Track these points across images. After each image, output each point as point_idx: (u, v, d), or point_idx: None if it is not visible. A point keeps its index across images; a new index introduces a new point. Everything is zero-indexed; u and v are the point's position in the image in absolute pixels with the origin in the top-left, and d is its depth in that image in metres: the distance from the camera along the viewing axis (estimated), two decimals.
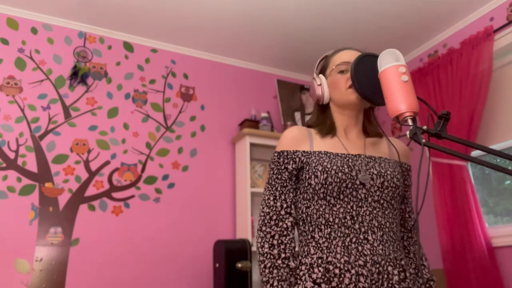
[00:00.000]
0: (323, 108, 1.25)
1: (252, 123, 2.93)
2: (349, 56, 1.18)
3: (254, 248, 2.61)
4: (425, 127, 0.92)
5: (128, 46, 2.88)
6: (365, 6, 2.58)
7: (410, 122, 0.92)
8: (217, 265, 2.38)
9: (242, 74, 3.26)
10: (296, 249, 1.10)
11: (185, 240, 2.63)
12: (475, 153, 2.54)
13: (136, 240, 2.50)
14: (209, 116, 3.01)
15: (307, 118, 3.27)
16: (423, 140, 0.89)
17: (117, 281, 2.38)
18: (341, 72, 1.17)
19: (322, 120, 1.23)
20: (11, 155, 2.34)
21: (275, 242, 1.06)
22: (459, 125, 2.48)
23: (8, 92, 2.43)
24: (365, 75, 1.07)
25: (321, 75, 1.23)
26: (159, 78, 2.91)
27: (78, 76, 2.61)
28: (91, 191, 2.47)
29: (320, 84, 1.21)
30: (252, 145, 2.95)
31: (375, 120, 1.25)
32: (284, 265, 1.04)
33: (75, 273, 2.29)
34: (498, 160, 2.44)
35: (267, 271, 1.03)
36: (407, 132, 0.91)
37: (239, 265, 2.28)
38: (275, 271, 1.02)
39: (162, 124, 2.82)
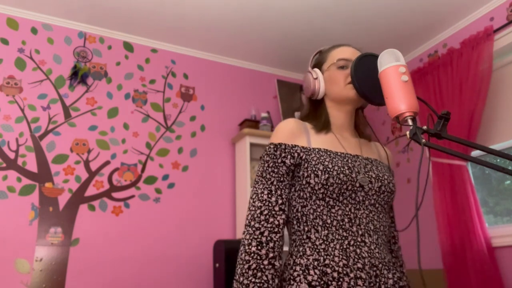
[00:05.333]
0: (315, 104, 1.22)
1: (252, 123, 2.93)
2: (349, 53, 1.17)
3: None
4: (425, 127, 0.92)
5: (128, 46, 2.88)
6: (365, 6, 2.58)
7: (410, 122, 0.92)
8: (217, 265, 2.38)
9: (242, 74, 3.26)
10: (285, 248, 1.08)
11: (185, 240, 2.63)
12: (475, 153, 2.54)
13: (136, 240, 2.50)
14: (209, 116, 3.01)
15: None
16: (423, 140, 0.89)
17: (117, 281, 2.38)
18: (341, 67, 1.15)
19: (316, 115, 1.20)
20: (11, 155, 2.34)
21: (263, 239, 0.98)
22: (459, 125, 2.48)
23: (8, 92, 2.43)
24: (365, 75, 1.07)
25: (316, 69, 1.20)
26: (159, 78, 2.91)
27: (78, 76, 2.61)
28: (91, 191, 2.47)
29: (317, 78, 1.18)
30: (252, 145, 2.95)
31: (365, 120, 1.26)
32: (270, 266, 0.96)
33: (75, 273, 2.29)
34: (498, 160, 2.44)
35: (250, 272, 0.95)
36: (407, 132, 0.91)
37: None
38: (259, 274, 0.95)
39: (162, 124, 2.82)
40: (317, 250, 1.01)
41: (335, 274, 0.96)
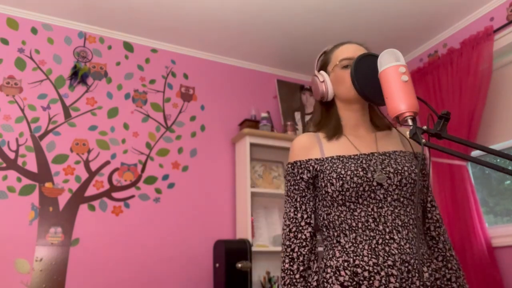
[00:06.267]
0: (327, 106, 1.24)
1: (252, 123, 2.93)
2: (352, 50, 1.17)
3: (254, 248, 2.61)
4: (425, 127, 0.92)
5: (128, 46, 2.88)
6: (365, 6, 2.58)
7: (410, 122, 0.92)
8: (217, 265, 2.39)
9: (242, 74, 3.26)
10: (320, 249, 1.10)
11: (185, 240, 2.63)
12: (475, 153, 2.54)
13: (136, 240, 2.50)
14: (209, 116, 3.01)
15: (307, 118, 3.27)
16: (423, 140, 0.89)
17: (117, 281, 2.38)
18: (345, 67, 1.15)
19: (327, 120, 1.21)
20: (11, 155, 2.34)
21: (294, 255, 1.07)
22: (459, 125, 2.48)
23: (8, 92, 2.43)
24: (365, 75, 1.07)
25: (322, 72, 1.21)
26: (159, 78, 2.91)
27: (78, 76, 2.61)
28: (91, 191, 2.47)
29: (323, 81, 1.19)
30: (252, 145, 2.95)
31: (381, 112, 1.24)
32: (301, 279, 1.05)
33: (75, 273, 2.29)
34: (498, 160, 2.44)
35: None
36: (407, 132, 0.91)
37: (239, 265, 2.28)
38: None
39: (162, 124, 2.82)
40: (346, 252, 1.03)
41: (366, 274, 0.98)
